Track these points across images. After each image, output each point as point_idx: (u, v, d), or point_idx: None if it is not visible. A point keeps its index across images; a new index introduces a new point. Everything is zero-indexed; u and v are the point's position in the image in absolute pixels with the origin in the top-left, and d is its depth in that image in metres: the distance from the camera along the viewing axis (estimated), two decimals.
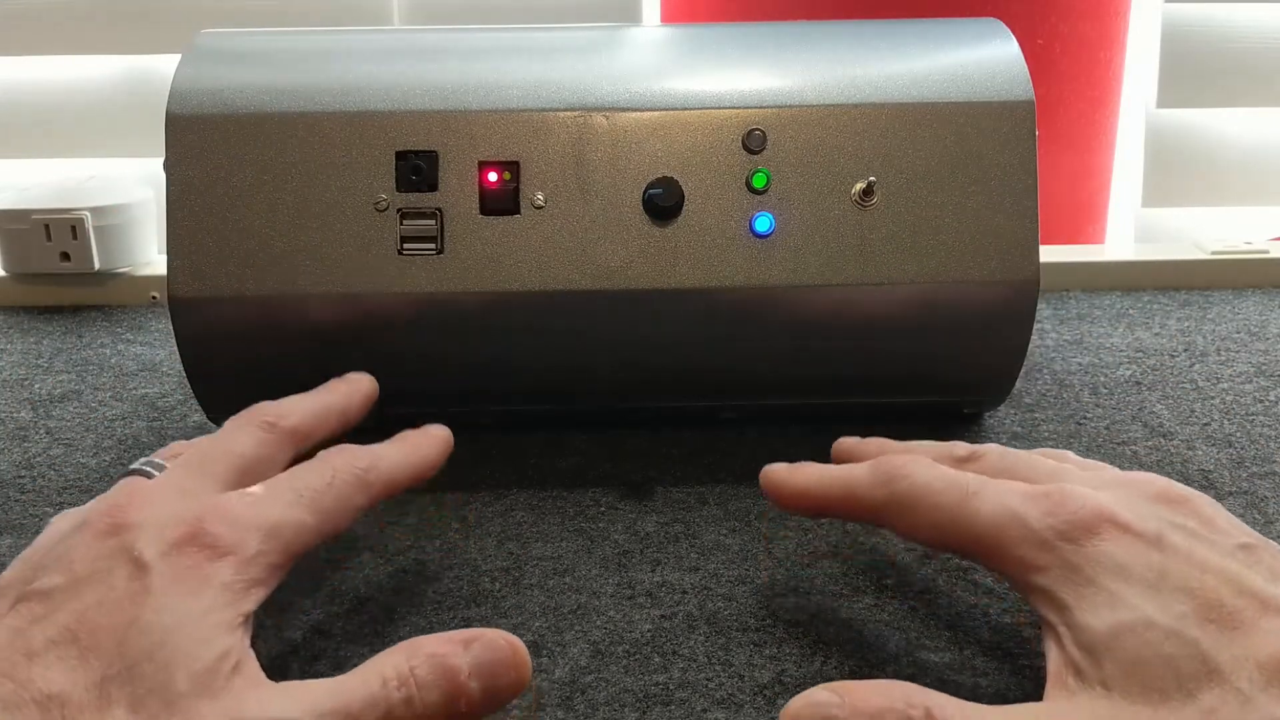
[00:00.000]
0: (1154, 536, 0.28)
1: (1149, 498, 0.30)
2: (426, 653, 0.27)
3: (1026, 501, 0.30)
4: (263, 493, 0.31)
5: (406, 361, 0.45)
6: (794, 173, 0.44)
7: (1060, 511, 0.29)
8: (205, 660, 0.26)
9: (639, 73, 0.45)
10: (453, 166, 0.43)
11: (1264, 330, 0.62)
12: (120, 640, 0.26)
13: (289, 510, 0.30)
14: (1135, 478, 0.31)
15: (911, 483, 0.32)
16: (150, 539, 0.28)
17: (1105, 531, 0.28)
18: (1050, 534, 0.29)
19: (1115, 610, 0.27)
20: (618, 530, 0.42)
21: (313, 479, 0.32)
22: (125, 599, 0.27)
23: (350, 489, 0.32)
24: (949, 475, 0.32)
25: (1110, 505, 0.29)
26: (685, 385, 0.47)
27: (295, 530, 0.30)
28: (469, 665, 0.27)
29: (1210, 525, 0.29)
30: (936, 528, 0.31)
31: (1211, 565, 0.27)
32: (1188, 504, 0.30)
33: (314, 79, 0.45)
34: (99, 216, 0.66)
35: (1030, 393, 0.53)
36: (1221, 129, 0.82)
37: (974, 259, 0.44)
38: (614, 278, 0.43)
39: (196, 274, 0.43)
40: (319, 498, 0.31)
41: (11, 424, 0.52)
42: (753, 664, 0.34)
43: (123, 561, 0.28)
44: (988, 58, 0.46)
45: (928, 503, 0.31)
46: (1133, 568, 0.27)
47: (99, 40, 0.78)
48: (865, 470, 0.33)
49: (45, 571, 0.28)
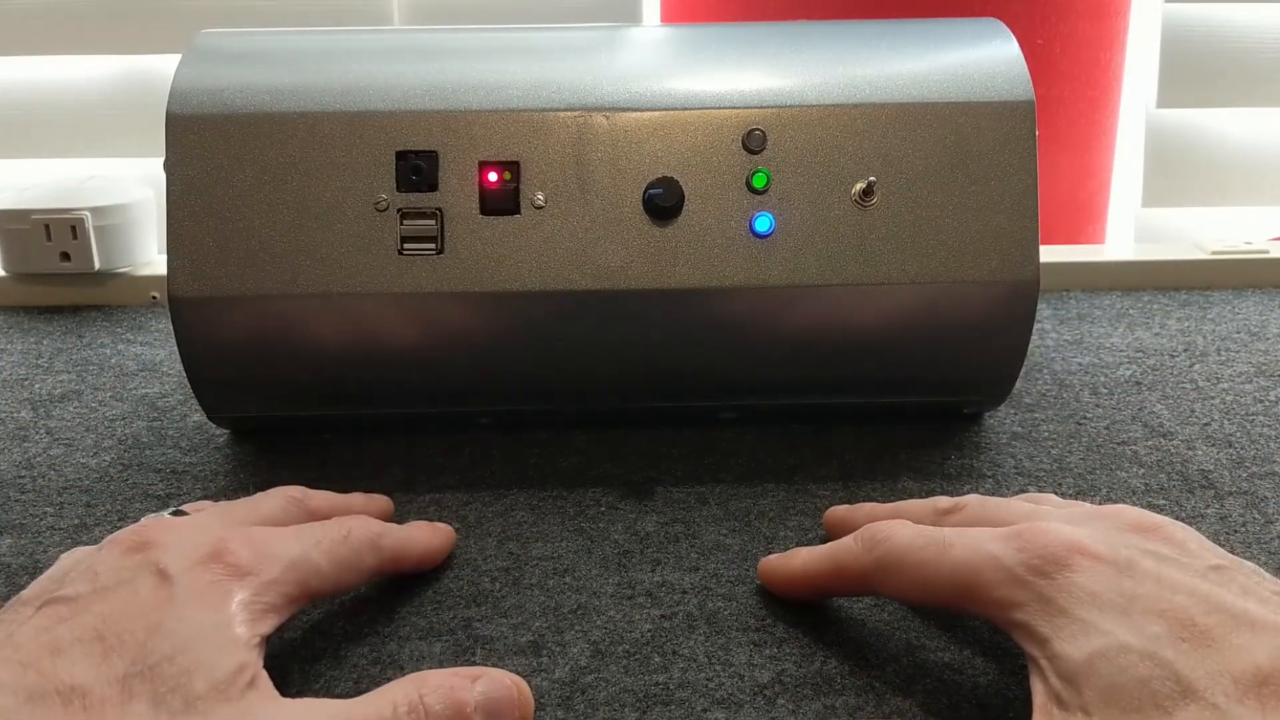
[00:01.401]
0: (1124, 563, 0.29)
1: (1120, 528, 0.31)
2: (435, 684, 0.28)
3: (999, 543, 0.31)
4: (284, 533, 0.33)
5: (406, 361, 0.45)
6: (794, 173, 0.44)
7: (1031, 547, 0.30)
8: (224, 669, 0.27)
9: (639, 73, 0.45)
10: (453, 166, 0.43)
11: (1264, 330, 0.62)
12: (143, 641, 0.27)
13: (308, 551, 0.32)
14: (1107, 511, 0.32)
15: (892, 544, 0.33)
16: (175, 556, 0.29)
17: (1075, 562, 0.29)
18: (1023, 570, 0.29)
19: (1090, 638, 0.27)
20: (618, 530, 0.42)
21: (330, 531, 0.34)
22: (150, 605, 0.28)
23: (363, 547, 0.34)
24: (928, 532, 0.33)
25: (1080, 537, 0.30)
26: (685, 385, 0.47)
27: (313, 570, 0.32)
28: (476, 700, 0.28)
29: (1182, 549, 0.30)
30: (920, 584, 0.32)
31: (1182, 586, 0.28)
32: (1159, 531, 0.31)
33: (314, 79, 0.45)
34: (99, 216, 0.66)
35: (1030, 393, 0.53)
36: (1221, 129, 0.82)
37: (974, 259, 0.44)
38: (614, 278, 0.43)
39: (196, 274, 0.43)
40: (335, 548, 0.33)
41: (11, 424, 0.52)
42: (753, 664, 0.34)
43: (148, 572, 0.29)
44: (988, 58, 0.46)
45: (909, 561, 0.32)
46: (1104, 595, 0.28)
47: (99, 40, 0.78)
48: (850, 540, 0.34)
49: (70, 581, 0.29)
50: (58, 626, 0.27)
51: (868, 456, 0.47)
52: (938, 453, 0.47)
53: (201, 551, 0.30)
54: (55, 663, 0.26)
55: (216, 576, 0.29)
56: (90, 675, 0.26)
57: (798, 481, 0.45)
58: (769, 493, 0.44)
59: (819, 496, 0.44)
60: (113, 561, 0.29)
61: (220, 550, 0.30)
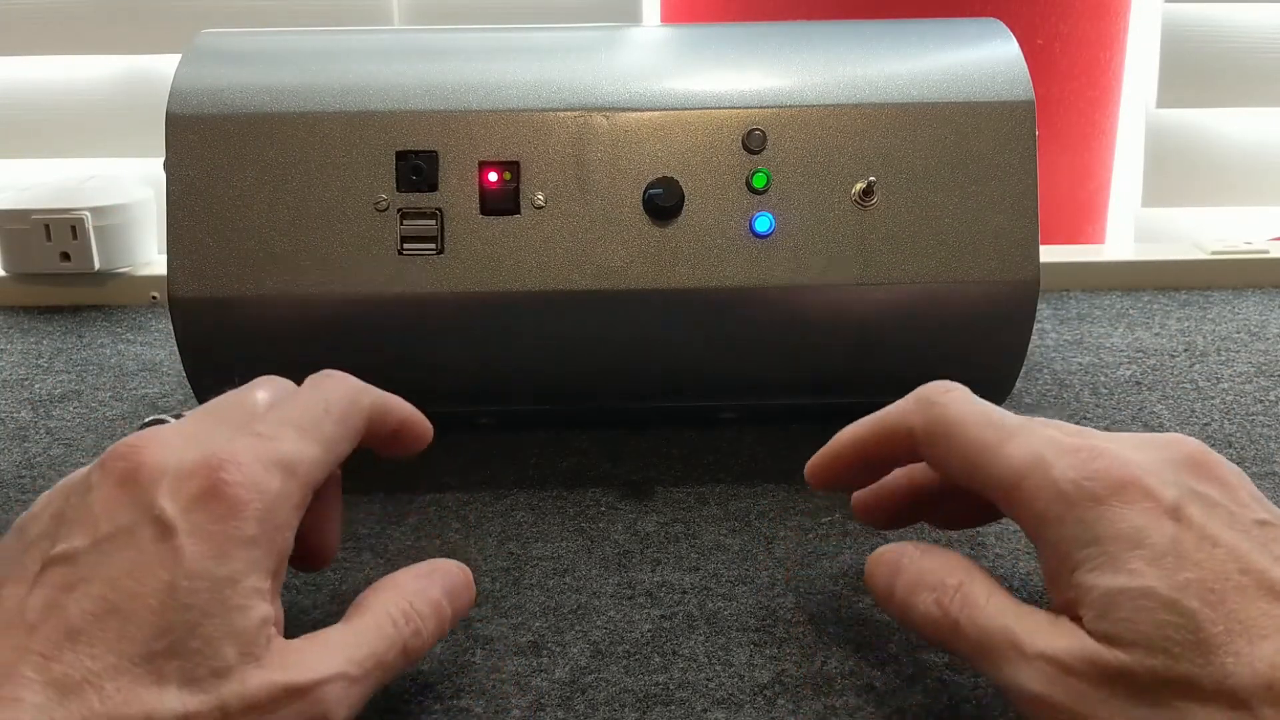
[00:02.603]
0: (1171, 505, 0.28)
1: (1176, 463, 0.30)
2: (411, 589, 0.31)
3: (1058, 451, 0.30)
4: (269, 427, 0.31)
5: (406, 361, 0.45)
6: (794, 173, 0.44)
7: (1087, 467, 0.29)
8: (247, 629, 0.27)
9: (639, 73, 0.45)
10: (453, 166, 0.44)
11: (1264, 330, 0.62)
12: (158, 609, 0.26)
13: (298, 444, 0.30)
14: (1166, 439, 0.31)
15: (950, 410, 0.32)
16: (169, 493, 0.28)
17: (1125, 494, 0.28)
18: (1071, 488, 0.29)
19: (1117, 575, 0.27)
20: (618, 530, 0.42)
21: (311, 409, 0.32)
22: (156, 564, 0.27)
23: (347, 413, 0.32)
24: (988, 413, 0.32)
25: (1135, 468, 0.29)
26: (685, 385, 0.47)
27: (308, 466, 0.30)
28: (442, 593, 0.32)
29: (1233, 496, 0.29)
30: (966, 463, 0.31)
31: (1224, 540, 0.28)
32: (1213, 471, 0.30)
33: (314, 79, 0.45)
34: (99, 216, 0.66)
35: (1030, 393, 0.53)
36: (1221, 129, 0.82)
37: (974, 259, 0.44)
38: (614, 278, 0.43)
39: (196, 274, 0.43)
40: (321, 425, 0.31)
41: (11, 424, 0.52)
42: (753, 664, 0.34)
43: (146, 520, 0.27)
44: (988, 58, 0.46)
45: (963, 435, 0.31)
46: (1143, 534, 0.28)
47: (98, 40, 0.78)
48: (903, 400, 0.34)
49: (68, 527, 0.28)
50: (66, 599, 0.26)
51: None
52: None
53: (195, 485, 0.28)
54: (76, 649, 0.25)
55: (217, 515, 0.28)
56: (113, 656, 0.25)
57: (798, 481, 0.45)
58: (769, 493, 0.44)
59: (819, 496, 0.44)
60: (108, 501, 0.28)
61: (215, 482, 0.28)
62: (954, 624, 0.29)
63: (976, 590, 0.30)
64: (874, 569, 0.33)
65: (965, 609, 0.29)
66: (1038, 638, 0.28)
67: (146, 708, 0.25)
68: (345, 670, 0.28)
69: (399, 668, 0.30)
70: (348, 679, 0.28)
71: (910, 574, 0.31)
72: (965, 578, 0.30)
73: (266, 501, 0.28)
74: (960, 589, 0.30)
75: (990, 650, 0.28)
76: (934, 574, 0.31)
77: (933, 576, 0.31)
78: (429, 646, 0.31)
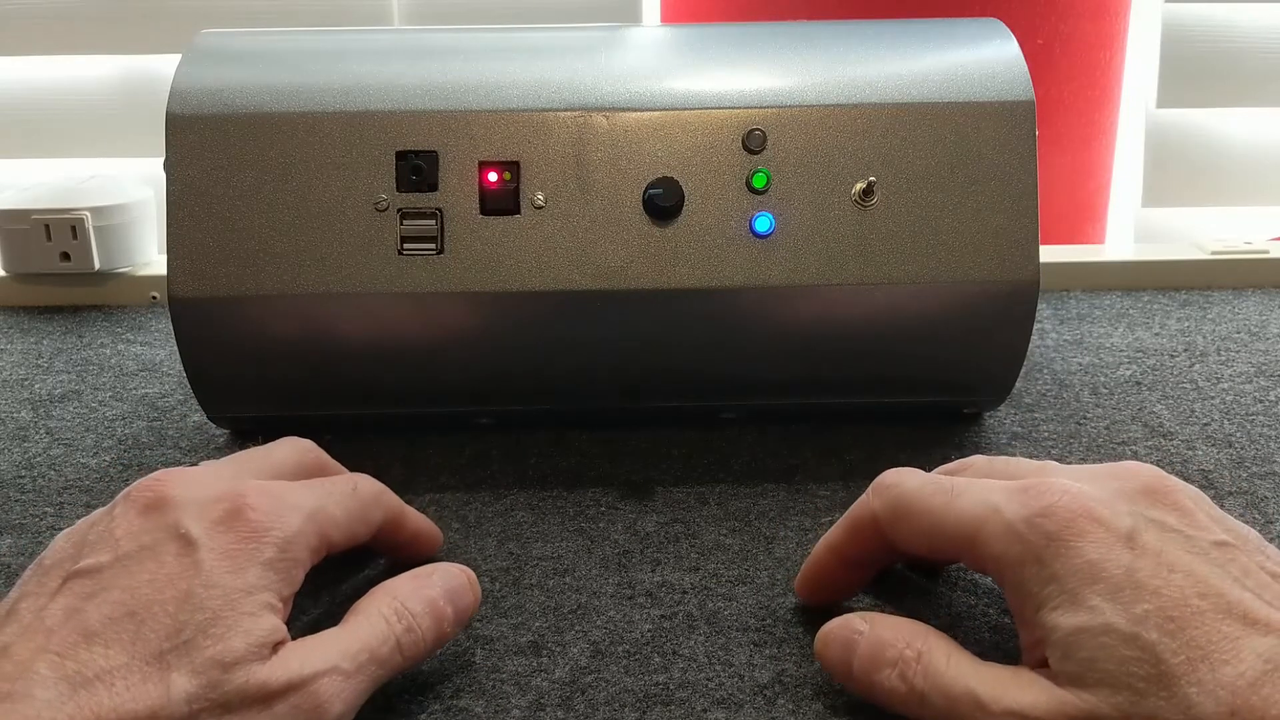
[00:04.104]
0: (1127, 533, 0.28)
1: (1129, 493, 0.30)
2: (406, 591, 0.32)
3: (1006, 496, 0.30)
4: (298, 485, 0.33)
5: (406, 361, 0.45)
6: (794, 173, 0.44)
7: (1036, 503, 0.29)
8: (256, 635, 0.28)
9: (639, 73, 0.45)
10: (453, 166, 0.43)
11: (1264, 330, 0.62)
12: (173, 613, 0.27)
13: (323, 502, 0.32)
14: (1120, 470, 0.31)
15: (902, 489, 0.33)
16: (193, 516, 0.29)
17: (1078, 525, 0.29)
18: (1025, 526, 0.29)
19: (1078, 613, 0.27)
20: (618, 530, 0.42)
21: (340, 484, 0.34)
22: (176, 573, 0.28)
23: (371, 500, 0.35)
24: (937, 480, 0.33)
25: (1086, 499, 0.29)
26: (685, 385, 0.47)
27: (330, 522, 0.32)
28: (439, 593, 0.32)
29: (1190, 520, 0.29)
30: (926, 531, 0.32)
31: (1181, 565, 0.28)
32: (1169, 497, 0.30)
33: (314, 79, 0.45)
34: (99, 216, 0.66)
35: (1030, 393, 0.53)
36: (1221, 129, 0.82)
37: (974, 259, 0.44)
38: (614, 278, 0.43)
39: (196, 274, 0.43)
40: (346, 500, 0.33)
41: (11, 424, 0.52)
42: (753, 664, 0.34)
43: (170, 537, 0.29)
44: (988, 58, 0.46)
45: (917, 507, 0.32)
46: (1100, 566, 0.28)
47: (98, 40, 0.78)
48: (863, 494, 0.34)
49: (90, 549, 0.29)
50: (86, 605, 0.27)
51: (868, 456, 0.47)
52: (938, 453, 0.47)
53: (221, 508, 0.30)
54: (91, 649, 0.26)
55: (239, 536, 0.29)
56: (126, 656, 0.26)
57: (798, 481, 0.45)
58: (769, 493, 0.44)
59: (819, 496, 0.44)
60: (131, 525, 0.29)
61: (239, 507, 0.30)
62: (920, 696, 0.30)
63: (936, 657, 0.30)
64: (825, 649, 0.32)
65: (928, 678, 0.30)
66: (1003, 696, 0.28)
67: (154, 703, 0.26)
68: (339, 665, 0.29)
69: (396, 664, 0.30)
70: (342, 673, 0.29)
71: (865, 650, 0.31)
72: (923, 646, 0.30)
73: (286, 534, 0.30)
74: (920, 659, 0.30)
75: (958, 716, 0.29)
76: (892, 647, 0.30)
77: (891, 651, 0.30)
78: (429, 645, 0.31)
